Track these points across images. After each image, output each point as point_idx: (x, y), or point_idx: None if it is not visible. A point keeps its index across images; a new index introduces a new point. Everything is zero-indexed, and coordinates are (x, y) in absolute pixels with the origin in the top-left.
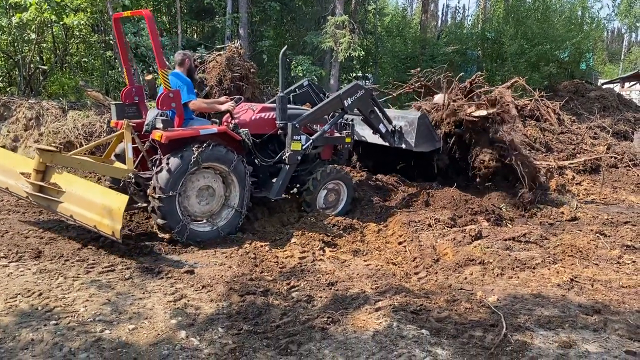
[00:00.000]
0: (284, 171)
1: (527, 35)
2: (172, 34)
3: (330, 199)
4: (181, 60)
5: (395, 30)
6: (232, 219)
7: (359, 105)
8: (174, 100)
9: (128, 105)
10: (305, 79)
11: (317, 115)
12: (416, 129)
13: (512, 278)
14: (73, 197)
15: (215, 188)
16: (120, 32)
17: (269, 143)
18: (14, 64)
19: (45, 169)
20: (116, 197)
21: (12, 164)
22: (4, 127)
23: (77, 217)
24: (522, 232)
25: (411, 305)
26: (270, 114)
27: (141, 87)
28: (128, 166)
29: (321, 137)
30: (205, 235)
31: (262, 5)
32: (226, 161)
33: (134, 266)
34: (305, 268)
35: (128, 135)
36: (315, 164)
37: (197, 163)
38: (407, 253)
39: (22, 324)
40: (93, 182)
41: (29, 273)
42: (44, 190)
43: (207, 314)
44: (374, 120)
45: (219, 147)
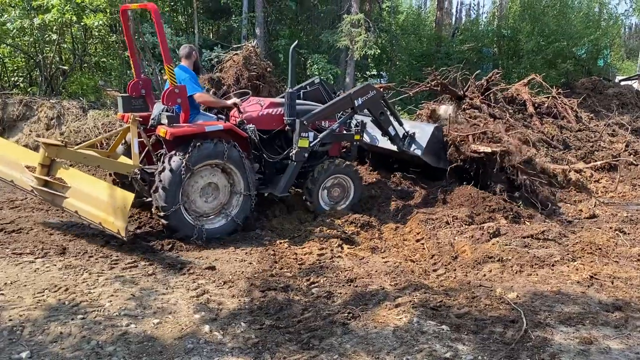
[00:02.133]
0: (291, 168)
1: (544, 32)
2: (189, 34)
3: (335, 193)
4: (187, 53)
5: (410, 28)
6: (243, 204)
7: (370, 105)
8: (179, 95)
9: (135, 98)
10: (317, 77)
11: (327, 113)
12: (428, 138)
13: (531, 275)
14: (78, 192)
15: (217, 182)
16: (127, 24)
17: (276, 139)
18: (35, 65)
19: (51, 163)
20: (122, 194)
21: (17, 157)
22: (26, 126)
23: (82, 214)
24: (541, 229)
25: (431, 302)
26: (278, 110)
27: (148, 80)
28: (134, 162)
29: (329, 135)
30: (224, 229)
31: (277, 5)
32: (217, 154)
33: (157, 262)
34: (324, 265)
35: (134, 130)
36: (322, 160)
37: (188, 169)
38: (425, 250)
39: (50, 318)
40: (99, 179)
41: (55, 269)
42: (49, 184)
43: (230, 309)
44: (384, 122)
45: (206, 144)
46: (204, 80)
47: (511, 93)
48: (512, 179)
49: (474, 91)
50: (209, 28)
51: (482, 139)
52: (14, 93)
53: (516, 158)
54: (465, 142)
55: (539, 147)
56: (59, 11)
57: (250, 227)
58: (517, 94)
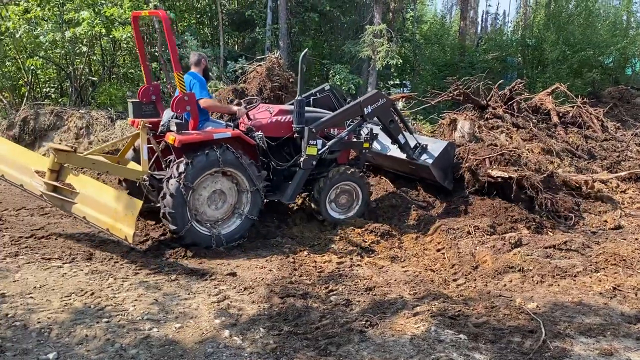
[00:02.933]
0: (299, 175)
1: (569, 41)
2: (214, 46)
3: (343, 201)
4: (197, 60)
5: (433, 37)
6: (253, 199)
7: (379, 113)
8: (189, 103)
9: (145, 103)
10: (327, 84)
11: (336, 120)
12: (440, 151)
13: (552, 286)
14: (87, 198)
15: (222, 187)
16: (138, 31)
17: (284, 146)
18: (66, 76)
19: (60, 169)
20: (130, 201)
21: (28, 161)
22: (56, 135)
23: (90, 219)
24: (563, 240)
25: (449, 311)
26: (287, 117)
27: (158, 86)
28: (143, 168)
29: (338, 142)
30: (241, 228)
31: (301, 16)
32: (212, 164)
33: (180, 268)
34: (343, 273)
35: (144, 136)
36: (330, 168)
37: (188, 188)
38: (446, 260)
39: (76, 321)
40: (107, 185)
41: (82, 274)
42: (58, 190)
43: (249, 314)
44: (394, 130)
45: (198, 158)
46: (228, 91)
47: (535, 102)
48: (533, 197)
49: (497, 101)
50: (234, 40)
51: (499, 161)
52: (45, 103)
53: (536, 178)
54: (482, 165)
55: (563, 157)
56: (89, 24)
57: (271, 234)
58: (541, 103)
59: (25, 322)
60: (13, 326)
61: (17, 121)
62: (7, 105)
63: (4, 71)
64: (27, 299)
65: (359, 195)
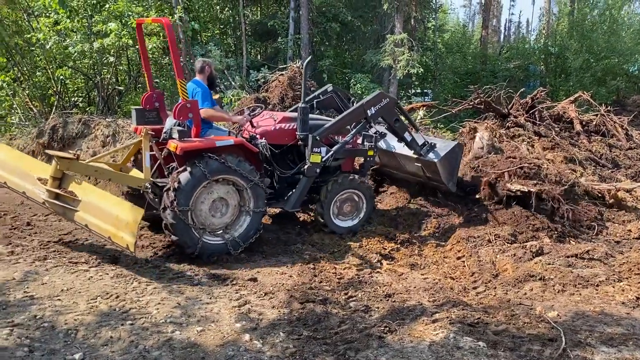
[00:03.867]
0: (302, 183)
1: (593, 49)
2: (237, 55)
3: (347, 209)
4: (201, 67)
5: (455, 46)
6: (255, 193)
7: (383, 114)
8: (191, 110)
9: (148, 110)
10: (330, 85)
11: (340, 125)
12: (449, 150)
13: (574, 295)
14: (89, 206)
15: (219, 194)
16: (142, 38)
17: (288, 153)
18: (93, 85)
19: (62, 176)
20: (132, 209)
21: (30, 169)
22: (84, 143)
23: (92, 227)
24: (586, 249)
25: (468, 318)
26: (291, 125)
27: (162, 93)
28: (145, 176)
29: (343, 150)
30: (252, 226)
31: (322, 26)
32: (200, 179)
33: (202, 273)
34: (362, 279)
35: (146, 144)
36: (335, 175)
37: (185, 212)
38: (466, 268)
39: (102, 323)
40: (109, 193)
41: (107, 277)
42: (60, 197)
43: (270, 319)
44: (399, 128)
45: (185, 179)
46: (250, 100)
47: (557, 111)
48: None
49: (519, 109)
50: (257, 50)
51: (518, 174)
52: (73, 112)
53: (556, 190)
54: (501, 179)
55: (586, 166)
56: (117, 36)
57: (291, 241)
58: (564, 111)
59: (53, 323)
60: (41, 327)
61: (47, 129)
62: (37, 114)
63: (35, 81)
64: (55, 301)
65: (363, 203)
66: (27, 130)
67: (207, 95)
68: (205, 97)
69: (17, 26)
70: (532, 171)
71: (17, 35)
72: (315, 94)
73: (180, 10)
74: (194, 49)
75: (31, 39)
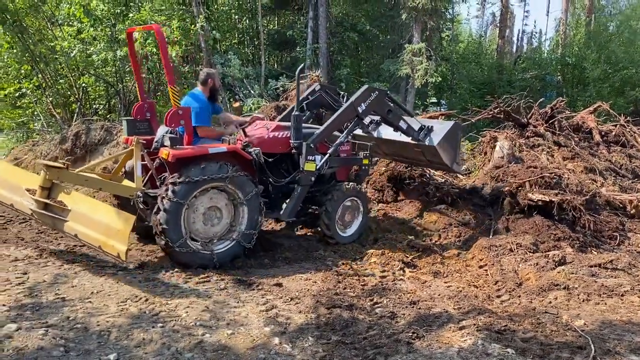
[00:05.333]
0: (297, 192)
1: (611, 59)
2: (255, 64)
3: (348, 218)
4: (204, 79)
5: (470, 56)
6: (253, 203)
7: (375, 107)
8: (182, 117)
9: (140, 121)
10: (317, 84)
11: (332, 128)
12: (446, 131)
13: (599, 304)
14: (78, 215)
15: (220, 207)
16: (133, 46)
17: (282, 162)
18: (115, 93)
19: (52, 186)
20: (122, 217)
21: (18, 180)
22: (106, 150)
23: (82, 237)
24: (609, 259)
25: (495, 326)
26: (285, 133)
27: (153, 104)
28: (136, 185)
29: (337, 158)
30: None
31: (340, 36)
32: (187, 193)
33: (228, 278)
34: (386, 286)
35: (137, 153)
36: (330, 185)
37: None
38: (489, 276)
39: (133, 325)
40: (99, 201)
41: (135, 281)
42: (49, 207)
43: (297, 323)
44: (393, 118)
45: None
46: (270, 108)
47: (576, 121)
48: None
49: (538, 119)
50: (275, 59)
51: (539, 183)
52: (94, 119)
53: (577, 200)
54: (522, 189)
55: (606, 176)
56: (141, 44)
57: (313, 247)
58: (583, 122)
59: (86, 324)
60: (75, 328)
61: (70, 136)
62: (59, 121)
63: (58, 88)
64: (86, 303)
65: (360, 210)
66: (50, 136)
67: (204, 113)
68: (203, 115)
69: (41, 35)
70: (553, 181)
71: (40, 44)
72: (303, 96)
73: (202, 20)
74: (213, 57)
75: (55, 47)
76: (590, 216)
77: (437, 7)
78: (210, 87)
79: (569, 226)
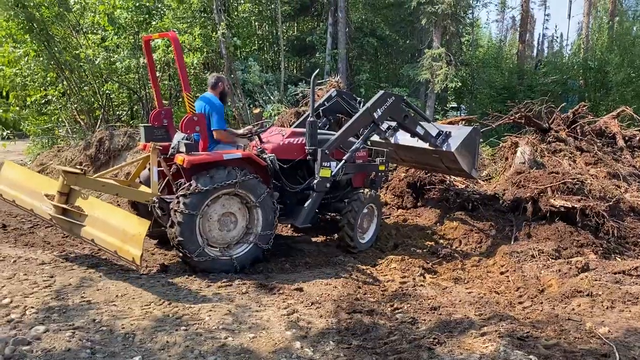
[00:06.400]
0: (313, 198)
1: (635, 63)
2: (275, 70)
3: (365, 225)
4: (214, 83)
5: (491, 61)
6: (267, 204)
7: (391, 113)
8: (198, 123)
9: (157, 127)
10: (333, 90)
11: (348, 134)
12: (464, 136)
13: (624, 311)
14: (95, 220)
15: (234, 212)
16: (150, 54)
17: (297, 169)
18: (137, 99)
19: (70, 191)
20: (138, 222)
21: (38, 186)
22: (129, 155)
23: (98, 242)
24: (634, 265)
25: (517, 332)
26: (300, 139)
27: (170, 110)
28: (152, 190)
29: (353, 164)
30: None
31: (360, 41)
32: (198, 203)
33: (249, 282)
34: (406, 292)
35: (154, 159)
36: (346, 191)
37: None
38: (510, 283)
39: (157, 328)
40: (115, 206)
41: (159, 285)
42: (66, 212)
43: (319, 328)
44: (410, 124)
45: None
46: (290, 114)
47: (599, 126)
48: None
49: (560, 124)
50: (294, 64)
51: (562, 189)
52: (117, 125)
53: (600, 206)
54: (543, 194)
55: (630, 182)
56: (164, 51)
57: (332, 253)
58: (606, 126)
59: (111, 327)
60: (100, 330)
61: (94, 142)
62: (83, 127)
63: (82, 95)
64: (110, 306)
65: (375, 216)
66: (74, 142)
67: (221, 116)
68: (220, 118)
69: (66, 43)
70: (576, 187)
71: (65, 52)
72: (320, 102)
73: (223, 27)
74: (234, 64)
75: (80, 54)
76: (613, 222)
77: (457, 12)
78: (221, 91)
79: (592, 232)
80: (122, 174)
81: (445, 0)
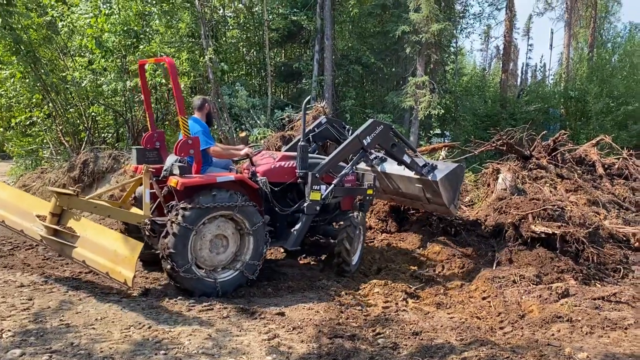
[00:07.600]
0: (302, 221)
1: (613, 93)
2: (262, 95)
3: (355, 247)
4: (200, 105)
5: (474, 89)
6: (260, 234)
7: (380, 141)
8: (192, 146)
9: (149, 150)
10: (323, 117)
11: (337, 159)
12: (450, 171)
13: (602, 337)
14: (87, 242)
15: (227, 235)
16: (144, 78)
17: (288, 192)
18: (123, 122)
19: (62, 212)
20: (130, 243)
21: (29, 206)
22: (113, 178)
23: (90, 263)
24: (612, 291)
25: (498, 357)
26: (290, 163)
27: (162, 133)
28: (144, 212)
29: (342, 188)
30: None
31: (345, 68)
32: (196, 219)
33: (230, 306)
34: (389, 317)
35: (146, 181)
36: (335, 214)
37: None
38: (492, 308)
39: (136, 352)
40: (107, 228)
41: (139, 308)
42: (58, 234)
43: (300, 353)
44: (397, 152)
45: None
46: (276, 138)
47: (579, 154)
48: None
49: (541, 151)
50: (281, 90)
51: (542, 216)
52: (102, 148)
53: (580, 233)
54: (524, 221)
55: (609, 209)
56: (151, 75)
57: (316, 277)
58: (586, 154)
59: (90, 350)
60: (78, 354)
61: (78, 163)
62: (68, 149)
63: (67, 117)
64: (89, 329)
65: (360, 238)
66: (59, 164)
67: (208, 134)
68: (208, 136)
69: (53, 65)
70: (556, 213)
71: (52, 74)
72: (310, 128)
73: (210, 52)
74: (221, 88)
75: (66, 77)
76: (593, 249)
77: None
78: (207, 113)
79: (572, 258)
80: (106, 196)
81: (429, 30)
